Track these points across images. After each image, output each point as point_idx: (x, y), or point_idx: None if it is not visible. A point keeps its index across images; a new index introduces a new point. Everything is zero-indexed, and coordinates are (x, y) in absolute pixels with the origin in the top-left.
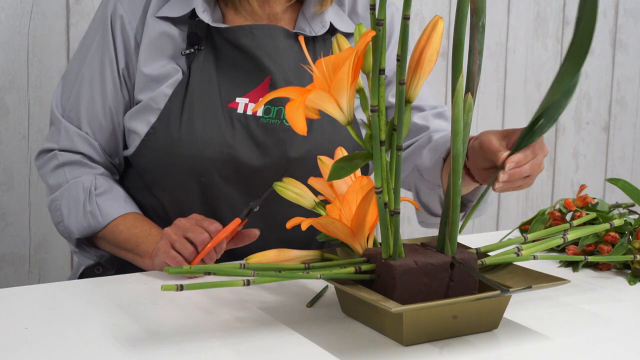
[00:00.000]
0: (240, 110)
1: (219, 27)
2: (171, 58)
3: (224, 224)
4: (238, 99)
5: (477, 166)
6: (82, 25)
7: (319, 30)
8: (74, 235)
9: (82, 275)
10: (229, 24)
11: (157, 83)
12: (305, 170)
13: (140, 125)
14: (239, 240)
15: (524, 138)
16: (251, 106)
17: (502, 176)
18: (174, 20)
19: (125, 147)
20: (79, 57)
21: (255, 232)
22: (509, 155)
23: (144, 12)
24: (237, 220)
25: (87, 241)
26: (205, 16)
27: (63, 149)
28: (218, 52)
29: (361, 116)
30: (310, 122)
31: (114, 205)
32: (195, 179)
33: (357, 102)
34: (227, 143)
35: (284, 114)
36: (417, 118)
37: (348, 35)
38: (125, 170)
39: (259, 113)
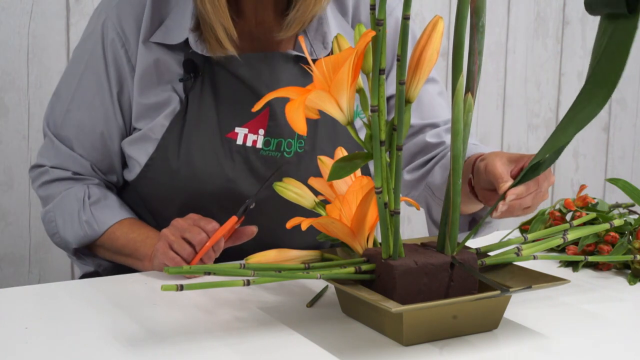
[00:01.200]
0: (239, 141)
1: (215, 57)
2: (167, 83)
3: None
4: (237, 129)
5: (481, 186)
6: (82, 25)
7: (320, 52)
8: (71, 245)
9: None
10: (224, 51)
11: (154, 112)
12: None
13: (139, 155)
14: (237, 238)
15: (528, 171)
16: (251, 137)
17: (501, 207)
18: (170, 47)
19: (125, 165)
20: (70, 76)
21: (253, 229)
22: (511, 186)
23: (136, 38)
24: (234, 219)
25: (85, 249)
26: (197, 46)
27: (54, 166)
28: (215, 80)
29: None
30: (310, 151)
31: (109, 212)
32: (195, 211)
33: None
34: (227, 177)
35: (284, 146)
36: (429, 136)
37: None
38: (129, 193)
39: (259, 145)
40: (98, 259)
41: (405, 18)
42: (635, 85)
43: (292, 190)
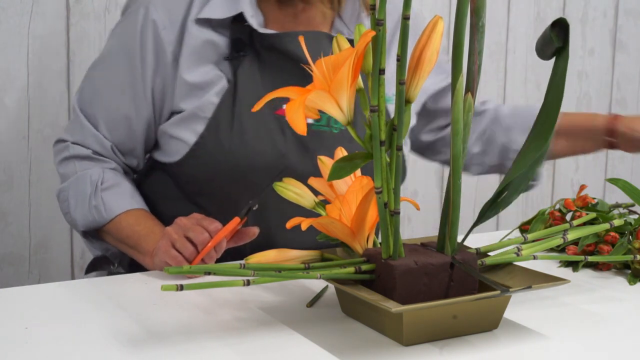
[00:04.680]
0: None
1: (265, 33)
2: (214, 64)
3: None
4: (285, 106)
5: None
6: (82, 25)
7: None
8: (78, 227)
9: (90, 266)
10: (271, 28)
11: (202, 90)
12: None
13: (186, 134)
14: (239, 239)
15: (487, 209)
16: None
17: None
18: (214, 25)
19: (146, 151)
20: (104, 55)
21: (255, 230)
22: None
23: (184, 18)
24: (237, 219)
25: (94, 233)
26: (253, 21)
27: (75, 142)
28: (262, 57)
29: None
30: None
31: (119, 200)
32: (246, 188)
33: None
34: (280, 152)
35: (333, 121)
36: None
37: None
38: (158, 179)
39: (309, 120)
40: (105, 244)
41: (405, 18)
42: (635, 85)
43: (292, 190)
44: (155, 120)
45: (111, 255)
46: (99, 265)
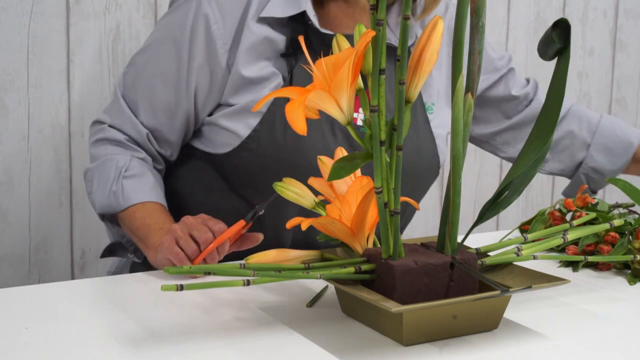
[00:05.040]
0: None
1: (325, 33)
2: (269, 61)
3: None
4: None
5: None
6: (82, 25)
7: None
8: (96, 209)
9: (107, 251)
10: (327, 27)
11: (258, 85)
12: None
13: (239, 127)
14: (242, 244)
15: (487, 210)
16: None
17: None
18: (272, 24)
19: (183, 142)
20: (151, 42)
21: (259, 236)
22: None
23: (244, 14)
24: (242, 222)
25: (111, 217)
26: (315, 20)
27: (112, 125)
28: (318, 56)
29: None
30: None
31: (138, 191)
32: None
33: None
34: (330, 150)
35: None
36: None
37: None
38: (198, 169)
39: (359, 122)
40: (120, 229)
41: (405, 18)
42: (635, 85)
43: (292, 190)
44: (196, 112)
45: (126, 242)
46: (115, 252)
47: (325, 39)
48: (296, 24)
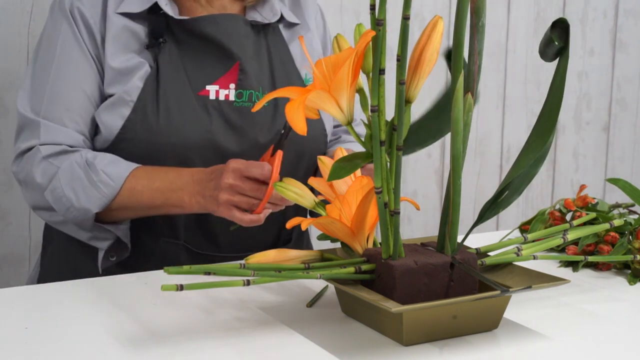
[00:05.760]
0: (212, 97)
1: (182, 19)
2: (136, 52)
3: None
4: (208, 87)
5: None
6: None
7: (271, 17)
8: (90, 213)
9: (105, 260)
10: (186, 15)
11: (126, 76)
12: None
13: (113, 119)
14: (277, 205)
15: (487, 210)
16: (222, 92)
17: None
18: (132, 17)
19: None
20: (44, 57)
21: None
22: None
23: (104, 6)
24: (280, 152)
25: (105, 215)
26: (168, 9)
27: (44, 142)
28: (181, 43)
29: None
30: (275, 107)
31: (118, 166)
32: (178, 166)
33: None
34: (206, 128)
35: (255, 97)
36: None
37: (292, 25)
38: None
39: (231, 98)
40: (117, 225)
41: (405, 18)
42: (635, 85)
43: (291, 190)
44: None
45: (123, 235)
46: (111, 254)
47: (184, 25)
48: (154, 15)
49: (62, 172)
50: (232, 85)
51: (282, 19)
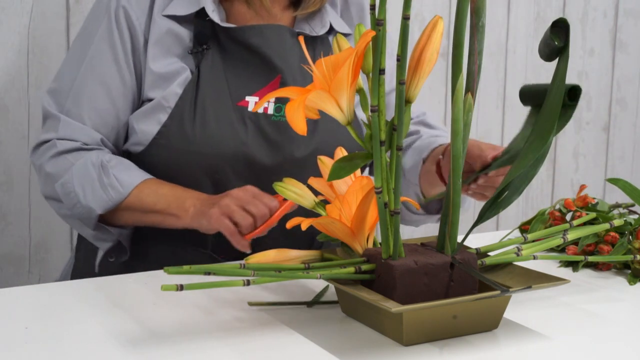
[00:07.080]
0: (250, 108)
1: (228, 27)
2: (178, 57)
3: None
4: (248, 98)
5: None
6: None
7: (319, 30)
8: (94, 213)
9: (103, 263)
10: (233, 23)
11: (167, 81)
12: (315, 169)
13: (150, 124)
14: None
15: (487, 210)
16: (262, 104)
17: (481, 180)
18: (179, 19)
19: (124, 142)
20: (78, 54)
21: (292, 203)
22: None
23: (150, 8)
24: (291, 202)
25: (109, 216)
26: (215, 15)
27: (62, 137)
28: (225, 51)
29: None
30: (314, 122)
31: (131, 174)
32: (209, 176)
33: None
34: (241, 140)
35: None
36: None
37: (346, 36)
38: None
39: (270, 111)
40: (119, 227)
41: (405, 18)
42: (635, 85)
43: (292, 190)
44: (138, 105)
45: (125, 239)
46: (111, 256)
47: (230, 32)
48: (201, 20)
49: (76, 168)
50: (272, 99)
51: (332, 29)
